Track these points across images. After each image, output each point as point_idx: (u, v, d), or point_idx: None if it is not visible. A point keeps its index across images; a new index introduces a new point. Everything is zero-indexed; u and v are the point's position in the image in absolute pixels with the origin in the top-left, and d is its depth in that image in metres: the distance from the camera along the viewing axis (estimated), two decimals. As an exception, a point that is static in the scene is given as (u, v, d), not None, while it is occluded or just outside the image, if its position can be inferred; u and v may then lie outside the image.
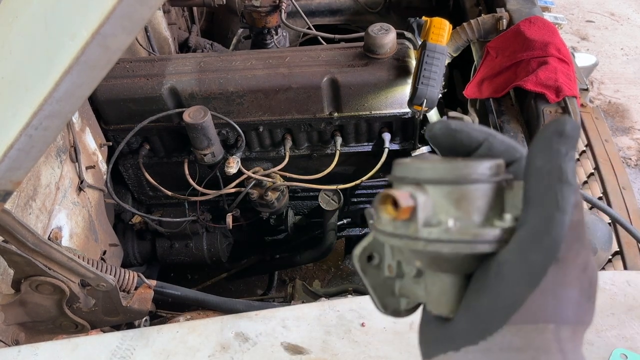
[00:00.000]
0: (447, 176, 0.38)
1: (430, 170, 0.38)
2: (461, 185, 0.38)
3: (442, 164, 0.39)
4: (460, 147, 0.41)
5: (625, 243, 1.39)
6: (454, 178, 0.38)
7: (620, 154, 3.25)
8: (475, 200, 0.38)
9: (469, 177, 0.38)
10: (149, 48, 2.13)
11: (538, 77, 1.38)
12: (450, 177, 0.38)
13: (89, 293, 1.22)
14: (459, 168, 0.38)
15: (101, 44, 0.73)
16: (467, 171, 0.38)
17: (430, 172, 0.38)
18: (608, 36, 4.18)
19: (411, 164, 0.39)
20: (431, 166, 0.38)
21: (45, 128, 0.81)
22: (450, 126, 0.41)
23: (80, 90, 0.80)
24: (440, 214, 0.38)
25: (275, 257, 2.34)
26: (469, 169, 0.38)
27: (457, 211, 0.38)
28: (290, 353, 1.00)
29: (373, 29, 1.68)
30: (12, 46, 0.87)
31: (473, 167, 0.38)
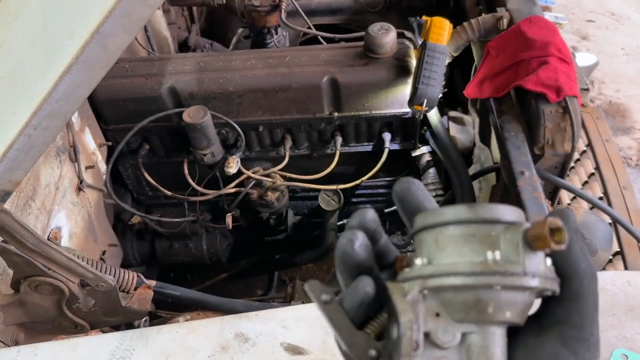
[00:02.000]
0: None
1: (520, 214, 0.41)
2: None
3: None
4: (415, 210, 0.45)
5: (626, 243, 1.39)
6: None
7: (621, 153, 3.24)
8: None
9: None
10: (149, 48, 2.13)
11: (538, 76, 1.37)
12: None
13: (88, 293, 1.21)
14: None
15: (100, 44, 0.73)
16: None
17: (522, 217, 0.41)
18: (609, 36, 4.17)
19: (498, 206, 0.40)
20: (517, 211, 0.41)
21: (45, 128, 0.81)
22: (411, 188, 0.45)
23: (79, 90, 0.80)
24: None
25: (275, 257, 2.33)
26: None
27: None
28: (290, 353, 1.00)
29: (373, 29, 1.68)
30: (11, 46, 0.87)
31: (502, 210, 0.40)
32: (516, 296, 0.38)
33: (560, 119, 1.35)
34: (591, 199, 1.40)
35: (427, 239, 0.41)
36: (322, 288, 0.43)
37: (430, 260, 0.40)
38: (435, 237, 0.40)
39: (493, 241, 0.38)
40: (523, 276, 0.37)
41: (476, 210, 0.39)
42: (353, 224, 0.44)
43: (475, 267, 0.38)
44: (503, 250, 0.38)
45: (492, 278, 0.37)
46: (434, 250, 0.40)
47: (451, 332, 0.39)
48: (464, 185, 1.58)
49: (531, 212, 1.22)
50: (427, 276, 0.39)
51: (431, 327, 0.39)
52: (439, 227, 0.40)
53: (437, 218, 0.41)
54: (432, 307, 0.39)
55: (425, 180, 1.83)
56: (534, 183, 1.28)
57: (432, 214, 0.41)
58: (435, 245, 0.40)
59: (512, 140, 1.39)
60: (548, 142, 1.36)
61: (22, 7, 0.87)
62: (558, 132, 1.35)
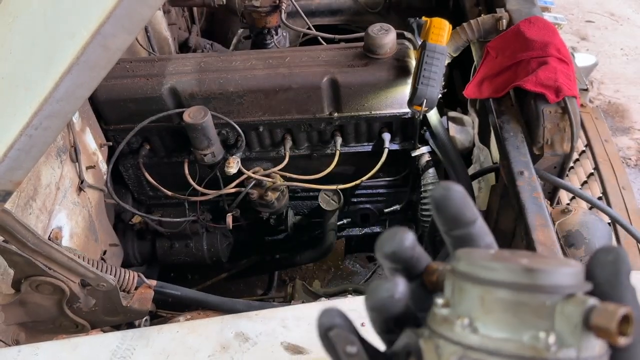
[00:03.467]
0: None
1: (581, 276, 0.36)
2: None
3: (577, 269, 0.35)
4: (459, 218, 0.41)
5: (625, 243, 1.39)
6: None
7: (620, 154, 3.24)
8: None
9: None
10: (149, 48, 2.13)
11: (538, 77, 1.38)
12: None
13: (89, 293, 1.22)
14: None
15: (101, 44, 0.73)
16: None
17: (582, 280, 0.36)
18: (608, 36, 4.18)
19: (560, 267, 0.35)
20: (579, 272, 0.36)
21: (46, 128, 0.81)
22: (460, 193, 0.41)
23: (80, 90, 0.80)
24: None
25: (275, 257, 2.34)
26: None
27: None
28: (290, 353, 1.00)
29: (373, 29, 1.68)
30: (12, 46, 0.87)
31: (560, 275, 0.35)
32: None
33: (560, 119, 1.36)
34: (590, 199, 1.41)
35: (471, 293, 0.36)
36: (347, 338, 0.39)
37: (473, 322, 0.36)
38: (481, 295, 0.36)
39: (547, 313, 0.34)
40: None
41: (534, 274, 0.34)
42: (387, 252, 0.41)
43: (525, 350, 0.34)
44: (558, 330, 0.34)
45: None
46: (478, 310, 0.36)
47: None
48: (464, 185, 1.58)
49: (530, 212, 1.23)
50: (468, 347, 0.35)
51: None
52: (489, 286, 0.35)
53: (488, 274, 0.36)
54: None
55: (425, 181, 1.84)
56: (533, 183, 1.29)
57: (482, 266, 0.36)
58: (480, 304, 0.36)
59: (512, 140, 1.39)
60: (547, 142, 1.36)
61: (23, 8, 0.87)
62: (557, 133, 1.36)
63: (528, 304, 0.34)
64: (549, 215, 1.24)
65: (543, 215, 1.22)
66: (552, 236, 1.19)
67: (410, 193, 2.06)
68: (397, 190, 2.09)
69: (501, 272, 0.35)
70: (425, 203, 1.85)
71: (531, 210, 1.23)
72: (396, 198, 2.10)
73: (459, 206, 0.40)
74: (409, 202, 2.08)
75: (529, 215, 1.22)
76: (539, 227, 1.20)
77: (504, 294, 0.35)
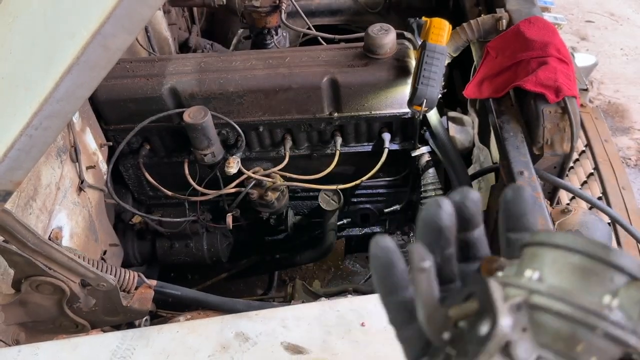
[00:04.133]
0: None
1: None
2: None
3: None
4: (524, 221, 0.43)
5: (625, 243, 1.39)
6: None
7: (620, 154, 3.25)
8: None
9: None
10: (149, 48, 2.13)
11: (538, 77, 1.38)
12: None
13: (89, 293, 1.22)
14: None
15: (101, 44, 0.73)
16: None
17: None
18: (608, 36, 4.18)
19: (628, 257, 0.38)
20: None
21: (46, 128, 0.81)
22: (524, 197, 0.43)
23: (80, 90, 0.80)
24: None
25: (275, 257, 2.34)
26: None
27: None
28: (290, 353, 1.00)
29: (373, 29, 1.68)
30: (12, 46, 0.87)
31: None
32: (611, 348, 0.36)
33: (560, 119, 1.36)
34: (590, 199, 1.41)
35: (546, 256, 0.39)
36: (426, 254, 0.40)
37: (543, 277, 0.38)
38: (555, 257, 0.39)
39: (612, 288, 0.37)
40: (630, 333, 0.36)
41: (608, 251, 0.37)
42: (455, 199, 0.42)
43: (589, 303, 0.36)
44: (621, 301, 0.37)
45: (601, 322, 0.36)
46: (550, 269, 0.39)
47: (530, 352, 0.37)
48: (464, 185, 1.58)
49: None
50: (535, 291, 0.38)
51: (514, 339, 0.37)
52: (564, 251, 0.39)
53: (567, 241, 0.39)
54: (521, 320, 0.37)
55: (425, 181, 1.84)
56: (533, 183, 1.29)
57: (561, 235, 0.39)
58: (553, 265, 0.39)
59: (512, 140, 1.39)
60: (547, 142, 1.36)
61: (23, 8, 0.87)
62: (557, 133, 1.36)
63: (597, 274, 0.37)
64: (549, 215, 1.24)
65: (543, 215, 1.22)
66: (552, 236, 1.19)
67: (410, 193, 2.06)
68: (397, 190, 2.09)
69: (579, 242, 0.38)
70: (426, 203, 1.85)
71: (531, 210, 1.22)
72: (396, 198, 2.10)
73: (527, 208, 0.43)
74: (409, 202, 2.08)
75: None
76: (539, 227, 1.20)
77: (577, 259, 0.38)
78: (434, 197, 0.41)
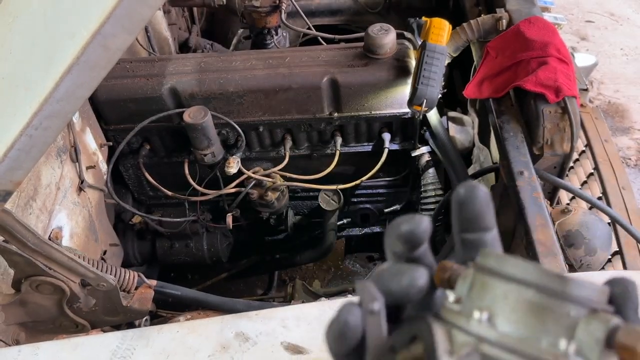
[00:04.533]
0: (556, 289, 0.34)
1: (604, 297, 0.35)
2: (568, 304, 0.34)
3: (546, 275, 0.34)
4: (478, 221, 0.40)
5: (625, 243, 1.39)
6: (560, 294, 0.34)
7: (620, 154, 3.25)
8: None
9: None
10: (149, 48, 2.13)
11: (538, 77, 1.38)
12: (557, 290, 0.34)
13: (89, 293, 1.22)
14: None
15: (101, 44, 0.73)
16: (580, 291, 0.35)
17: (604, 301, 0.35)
18: (608, 36, 4.18)
19: (585, 284, 0.34)
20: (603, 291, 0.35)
21: (46, 128, 0.81)
22: (482, 195, 0.40)
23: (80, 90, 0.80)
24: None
25: (275, 257, 2.34)
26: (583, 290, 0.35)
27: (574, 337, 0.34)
28: (290, 353, 1.00)
29: (373, 29, 1.68)
30: (12, 46, 0.87)
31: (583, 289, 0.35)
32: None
33: (560, 119, 1.36)
34: (590, 199, 1.41)
35: (495, 289, 0.36)
36: (373, 295, 0.38)
37: (493, 319, 0.35)
38: (506, 292, 0.35)
39: (570, 324, 0.34)
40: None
41: (566, 282, 0.34)
42: (404, 230, 0.40)
43: (544, 354, 0.33)
44: (579, 343, 0.33)
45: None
46: (502, 307, 0.35)
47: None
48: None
49: (530, 212, 1.23)
50: (485, 339, 0.35)
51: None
52: (516, 284, 0.35)
53: (518, 272, 0.35)
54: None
55: (425, 181, 1.84)
56: (533, 183, 1.29)
57: (512, 264, 0.36)
58: (503, 301, 0.35)
59: (512, 140, 1.39)
60: (547, 142, 1.36)
61: (23, 8, 0.87)
62: (557, 133, 1.36)
63: (553, 310, 0.34)
64: (548, 215, 1.24)
65: (543, 215, 1.22)
66: (552, 236, 1.19)
67: (410, 193, 2.06)
68: (397, 190, 2.09)
69: (533, 273, 0.35)
70: (425, 203, 1.85)
71: (531, 210, 1.23)
72: (396, 198, 2.10)
73: (482, 208, 0.40)
74: (409, 202, 2.08)
75: (529, 215, 1.22)
76: (539, 227, 1.20)
77: (531, 295, 0.35)
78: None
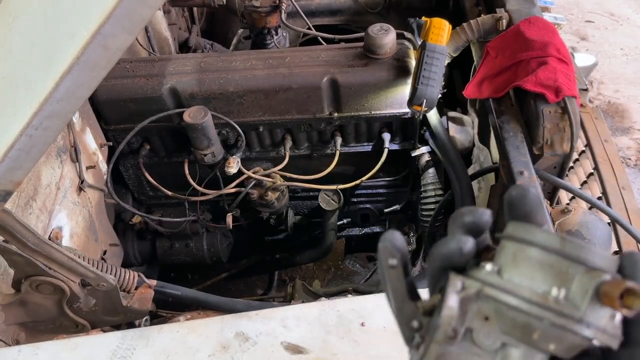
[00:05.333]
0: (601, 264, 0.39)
1: (613, 263, 0.39)
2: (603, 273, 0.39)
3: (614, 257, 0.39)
4: (530, 219, 0.44)
5: (625, 243, 1.39)
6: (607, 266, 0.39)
7: (620, 154, 3.25)
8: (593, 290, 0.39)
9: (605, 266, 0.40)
10: (149, 48, 2.13)
11: (538, 77, 1.38)
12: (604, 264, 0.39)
13: (89, 293, 1.22)
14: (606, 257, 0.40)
15: (101, 44, 0.73)
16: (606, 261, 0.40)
17: (613, 265, 0.39)
18: (608, 36, 4.18)
19: (591, 248, 0.39)
20: (612, 259, 0.40)
21: (46, 128, 0.81)
22: (528, 197, 0.44)
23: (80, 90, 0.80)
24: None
25: (275, 257, 2.34)
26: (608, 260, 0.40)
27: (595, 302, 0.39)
28: (290, 353, 1.00)
29: (373, 29, 1.68)
30: (12, 46, 0.87)
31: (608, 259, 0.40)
32: (565, 335, 0.38)
33: (559, 119, 1.36)
34: (590, 199, 1.41)
35: (508, 249, 0.42)
36: (392, 252, 0.44)
37: (501, 270, 0.41)
38: (515, 251, 0.41)
39: (567, 278, 0.39)
40: (577, 323, 0.38)
41: (566, 244, 0.40)
42: (467, 221, 0.44)
43: (535, 296, 0.39)
44: (571, 291, 0.39)
45: (546, 313, 0.39)
46: (508, 262, 0.41)
47: (493, 338, 0.41)
48: (463, 185, 1.58)
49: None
50: (488, 284, 0.41)
51: (476, 327, 0.41)
52: (524, 244, 0.41)
53: (526, 235, 0.41)
54: (484, 310, 0.41)
55: (425, 180, 1.84)
56: (533, 183, 1.29)
57: (524, 228, 0.42)
58: (512, 258, 0.41)
59: (511, 140, 1.39)
60: (547, 142, 1.36)
61: (23, 8, 0.87)
62: (557, 133, 1.36)
63: (553, 266, 0.39)
64: (548, 215, 1.24)
65: (543, 215, 1.22)
66: (552, 236, 1.19)
67: (410, 193, 2.06)
68: (397, 190, 2.09)
69: (539, 236, 0.41)
70: (425, 203, 1.85)
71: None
72: (396, 198, 2.10)
73: (532, 209, 0.43)
74: (409, 202, 2.08)
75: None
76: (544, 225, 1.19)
77: (535, 253, 0.40)
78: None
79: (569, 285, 0.39)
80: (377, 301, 1.07)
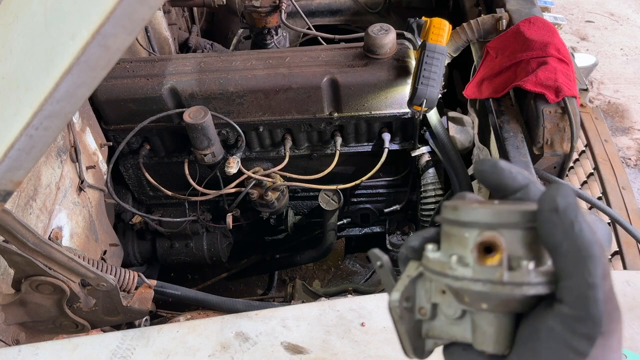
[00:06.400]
0: (522, 222, 0.41)
1: (506, 215, 0.41)
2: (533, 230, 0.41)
3: (514, 209, 0.41)
4: (502, 187, 0.45)
5: (625, 243, 1.39)
6: (529, 224, 0.41)
7: (620, 154, 3.25)
8: (538, 244, 0.41)
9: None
10: (149, 48, 2.13)
11: (537, 77, 1.38)
12: (526, 222, 0.41)
13: (89, 293, 1.22)
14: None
15: (101, 44, 0.73)
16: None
17: (506, 217, 0.41)
18: (608, 36, 4.18)
19: (481, 208, 0.41)
20: (507, 211, 0.41)
21: (46, 128, 0.81)
22: (498, 166, 0.45)
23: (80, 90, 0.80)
24: (517, 258, 0.40)
25: (275, 257, 2.34)
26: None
27: (529, 254, 0.41)
28: (290, 353, 1.00)
29: (373, 30, 1.68)
30: (13, 46, 0.87)
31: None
32: (488, 296, 0.40)
33: (559, 119, 1.36)
34: (590, 199, 1.41)
35: (442, 228, 0.46)
36: (378, 256, 0.48)
37: (439, 249, 0.45)
38: (443, 229, 0.45)
39: (465, 243, 0.42)
40: (473, 282, 0.40)
41: (456, 212, 0.42)
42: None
43: (439, 265, 0.42)
44: (460, 255, 0.42)
45: (447, 279, 0.42)
46: (442, 240, 0.45)
47: (453, 308, 0.44)
48: (463, 185, 1.59)
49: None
50: (425, 263, 0.45)
51: (439, 301, 0.45)
52: (444, 222, 0.45)
53: (444, 213, 0.44)
54: (440, 285, 0.44)
55: (425, 180, 1.84)
56: (533, 183, 1.28)
57: (444, 207, 0.45)
58: (443, 236, 0.45)
59: (511, 140, 1.39)
60: (547, 142, 1.36)
61: (23, 8, 0.87)
62: (557, 132, 1.36)
63: (454, 235, 0.43)
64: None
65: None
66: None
67: (410, 193, 2.06)
68: (397, 190, 2.09)
69: (443, 209, 0.44)
70: (425, 203, 1.85)
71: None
72: (396, 198, 2.10)
73: (499, 176, 0.44)
74: (409, 202, 2.08)
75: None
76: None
77: (444, 227, 0.44)
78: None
79: (460, 249, 0.42)
80: (377, 301, 1.07)
